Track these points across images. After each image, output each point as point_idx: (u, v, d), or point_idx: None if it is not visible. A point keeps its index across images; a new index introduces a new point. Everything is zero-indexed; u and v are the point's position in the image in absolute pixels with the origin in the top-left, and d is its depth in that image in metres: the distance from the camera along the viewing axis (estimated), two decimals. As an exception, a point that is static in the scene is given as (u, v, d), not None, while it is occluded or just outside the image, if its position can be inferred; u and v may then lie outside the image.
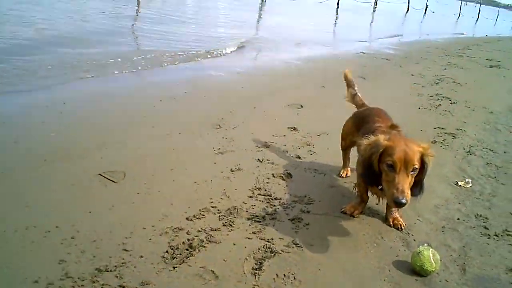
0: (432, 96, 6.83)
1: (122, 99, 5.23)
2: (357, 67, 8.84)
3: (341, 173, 3.54)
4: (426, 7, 38.86)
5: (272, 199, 2.98)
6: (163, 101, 5.27)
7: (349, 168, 3.57)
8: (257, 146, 4.05)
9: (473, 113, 6.08)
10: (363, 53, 10.93)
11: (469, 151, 4.53)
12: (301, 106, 5.66)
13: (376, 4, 33.24)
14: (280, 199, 2.99)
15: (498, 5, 73.93)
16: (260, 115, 5.09)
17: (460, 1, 50.75)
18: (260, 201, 2.94)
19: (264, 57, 9.08)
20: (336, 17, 22.93)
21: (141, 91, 5.73)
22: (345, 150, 3.54)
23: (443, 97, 6.82)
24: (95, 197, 2.82)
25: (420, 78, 8.27)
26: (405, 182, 2.22)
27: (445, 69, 9.71)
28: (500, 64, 11.14)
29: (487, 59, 12.00)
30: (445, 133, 5.01)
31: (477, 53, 13.47)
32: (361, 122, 3.12)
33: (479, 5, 50.87)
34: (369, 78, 7.88)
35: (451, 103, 6.49)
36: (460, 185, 3.56)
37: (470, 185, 3.57)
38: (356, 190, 2.92)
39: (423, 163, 2.34)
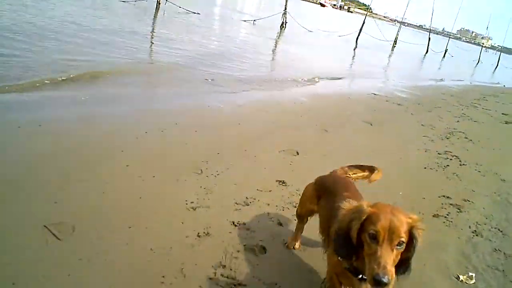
0: (440, 154, 6.35)
1: (105, 126, 4.85)
2: (367, 110, 8.43)
3: (288, 244, 3.06)
4: (446, 51, 38.57)
5: (235, 284, 2.50)
6: (148, 132, 4.88)
7: (299, 241, 3.09)
8: (236, 203, 3.60)
9: (483, 180, 5.59)
10: (375, 94, 10.52)
11: (475, 230, 4.03)
12: (297, 153, 5.21)
13: (396, 43, 32.99)
14: (245, 286, 2.52)
15: (518, 54, 73.38)
16: (250, 161, 4.66)
17: (480, 48, 50.52)
18: (220, 286, 2.48)
19: (271, 91, 8.67)
20: (354, 52, 22.64)
21: (130, 117, 5.36)
22: (301, 218, 3.03)
23: (453, 156, 6.34)
24: (29, 259, 2.39)
25: (431, 130, 7.81)
26: (388, 257, 1.82)
27: (458, 121, 9.24)
28: (516, 121, 10.65)
29: (503, 114, 11.52)
30: (451, 204, 4.52)
31: (493, 105, 12.99)
32: (325, 191, 2.66)
33: (499, 53, 50.50)
34: (376, 123, 7.46)
35: (460, 165, 6.00)
36: (461, 280, 3.06)
37: (473, 281, 3.07)
38: (326, 284, 2.41)
39: (411, 237, 1.93)
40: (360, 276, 2.05)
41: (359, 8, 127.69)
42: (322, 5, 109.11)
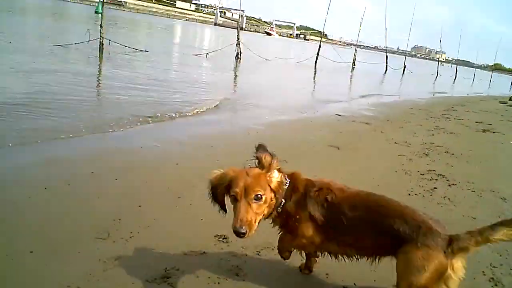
0: (423, 174, 5.32)
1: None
2: (332, 133, 7.43)
3: None
4: (404, 67, 38.78)
5: None
6: (48, 188, 3.65)
7: None
8: (147, 281, 2.42)
9: (481, 202, 4.54)
10: (339, 115, 9.58)
11: (492, 278, 2.93)
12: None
13: (354, 64, 32.82)
14: None
15: (472, 65, 75.79)
16: (182, 212, 3.50)
17: (437, 62, 51.51)
18: None
19: (223, 123, 7.57)
20: (314, 76, 21.99)
21: (32, 168, 4.14)
22: None
23: (438, 175, 5.31)
24: None
25: (406, 147, 6.82)
26: (245, 211, 2.07)
27: (433, 134, 8.33)
28: (493, 128, 9.86)
29: (476, 122, 10.75)
30: (452, 240, 3.42)
31: (464, 115, 12.26)
32: None
33: (455, 65, 51.46)
34: (344, 147, 6.43)
35: (449, 185, 4.96)
36: None
37: None
38: None
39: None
40: None
41: (315, 36, 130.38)
42: (269, 34, 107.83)
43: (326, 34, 39.49)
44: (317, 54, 27.61)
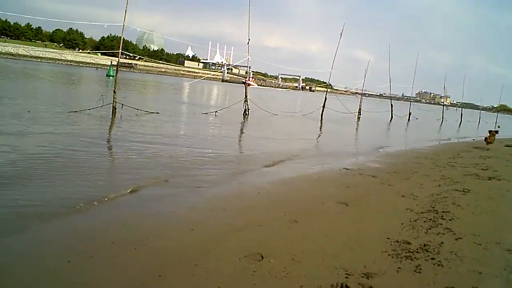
0: (430, 228, 5.48)
1: None
2: (339, 189, 7.66)
3: None
4: (410, 115, 39.35)
5: None
6: (72, 260, 3.88)
7: None
8: None
9: (487, 255, 4.68)
10: (347, 169, 9.84)
11: None
12: (262, 258, 4.28)
13: (360, 114, 33.41)
14: None
15: (477, 108, 76.40)
16: (200, 281, 3.69)
17: (442, 106, 52.10)
18: None
19: (231, 182, 7.85)
20: (321, 129, 22.42)
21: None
22: None
23: (445, 229, 5.47)
24: None
25: (413, 200, 7.01)
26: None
27: (439, 185, 8.52)
28: (499, 175, 10.00)
29: (482, 169, 10.92)
30: (459, 300, 3.57)
31: (469, 162, 12.45)
32: None
33: (460, 109, 52.03)
34: (352, 203, 6.65)
35: (456, 239, 5.11)
36: None
37: None
38: None
39: None
40: None
41: (319, 86, 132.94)
42: (248, 84, 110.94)
43: (331, 85, 41.15)
44: (323, 106, 28.21)
